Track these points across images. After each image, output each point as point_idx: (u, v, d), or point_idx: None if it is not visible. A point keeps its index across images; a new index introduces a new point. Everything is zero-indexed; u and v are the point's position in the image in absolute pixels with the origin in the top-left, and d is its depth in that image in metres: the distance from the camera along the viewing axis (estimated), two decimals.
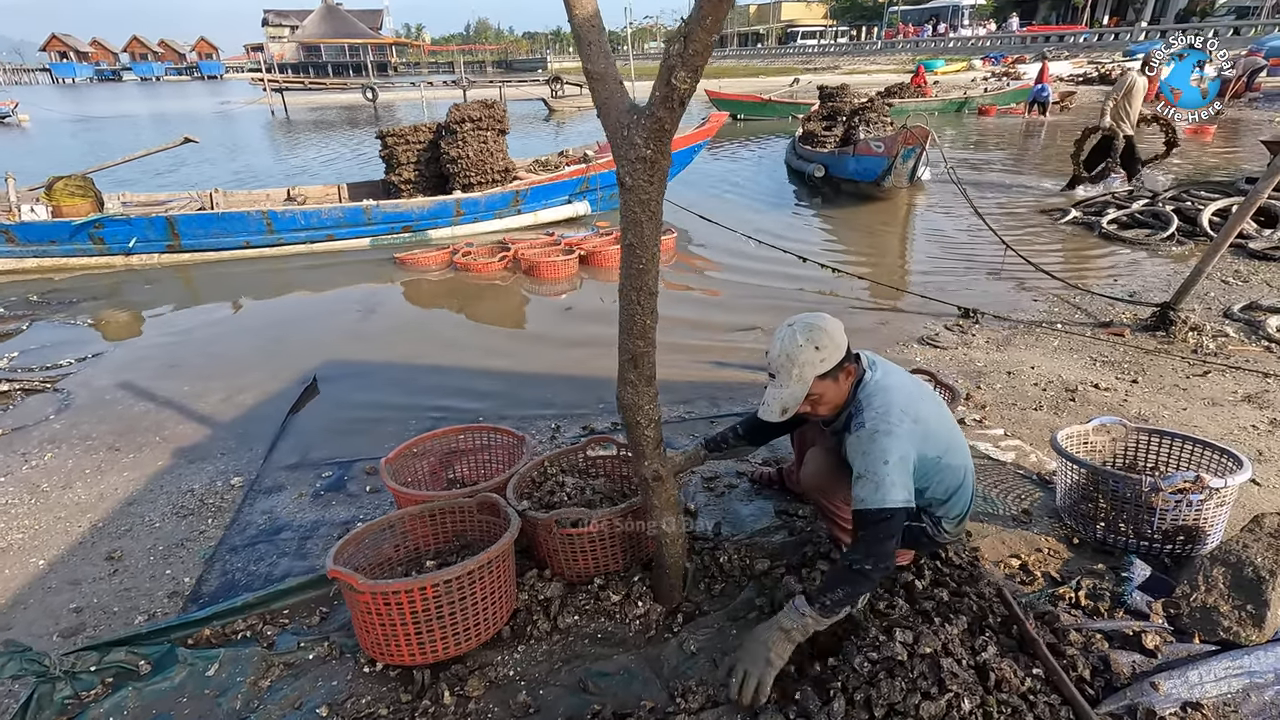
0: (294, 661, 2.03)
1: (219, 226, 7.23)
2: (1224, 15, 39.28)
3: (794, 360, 1.82)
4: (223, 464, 3.33)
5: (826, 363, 1.83)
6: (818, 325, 1.85)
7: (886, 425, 1.81)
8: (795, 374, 1.82)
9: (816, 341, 1.82)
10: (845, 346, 1.88)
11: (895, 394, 1.88)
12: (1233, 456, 2.32)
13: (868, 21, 66.79)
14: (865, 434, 1.82)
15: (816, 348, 1.82)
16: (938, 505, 2.02)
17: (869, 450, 1.79)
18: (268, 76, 34.26)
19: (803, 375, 1.82)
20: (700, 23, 1.27)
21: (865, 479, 1.78)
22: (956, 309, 5.00)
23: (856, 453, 1.83)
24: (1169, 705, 1.69)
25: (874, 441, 1.79)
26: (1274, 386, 3.63)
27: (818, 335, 1.83)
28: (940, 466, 1.94)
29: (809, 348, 1.81)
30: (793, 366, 1.82)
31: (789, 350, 1.82)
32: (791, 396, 1.84)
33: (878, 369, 1.96)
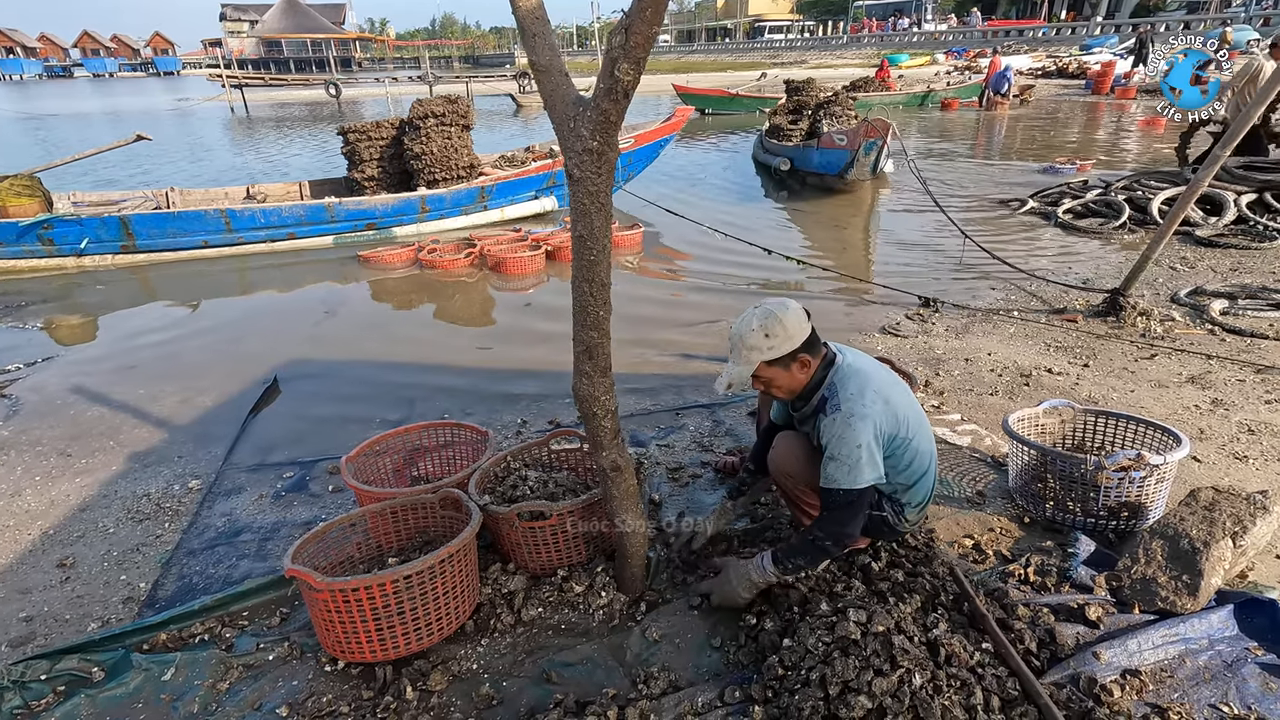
0: (253, 663, 2.01)
1: (175, 226, 7.05)
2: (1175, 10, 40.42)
3: (744, 343, 1.91)
4: (180, 467, 3.26)
5: (774, 351, 1.89)
6: (775, 314, 1.90)
7: (861, 408, 1.87)
8: (743, 356, 1.91)
9: (768, 329, 1.89)
10: (802, 338, 1.92)
11: (869, 377, 1.95)
12: (1173, 435, 2.41)
13: (833, 16, 67.41)
14: (840, 417, 1.88)
15: (766, 335, 1.89)
16: (903, 491, 2.07)
17: (843, 434, 1.86)
18: (226, 73, 33.28)
19: (749, 358, 1.91)
20: (640, 15, 1.28)
21: (838, 461, 1.86)
22: (917, 298, 5.10)
23: (830, 435, 1.88)
24: (1110, 673, 1.76)
25: (849, 425, 1.86)
26: (1216, 368, 3.77)
27: (771, 323, 1.89)
28: (909, 448, 2.00)
29: (759, 334, 1.89)
30: (741, 349, 1.91)
31: (741, 332, 1.92)
32: (738, 376, 1.94)
33: (847, 354, 2.03)
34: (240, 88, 31.41)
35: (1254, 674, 1.75)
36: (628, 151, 8.59)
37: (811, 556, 1.93)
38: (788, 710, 1.67)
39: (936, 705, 1.59)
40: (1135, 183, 7.54)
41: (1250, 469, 2.83)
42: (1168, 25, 31.54)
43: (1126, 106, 18.67)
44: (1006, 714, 1.63)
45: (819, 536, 1.90)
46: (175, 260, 7.08)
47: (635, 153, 8.78)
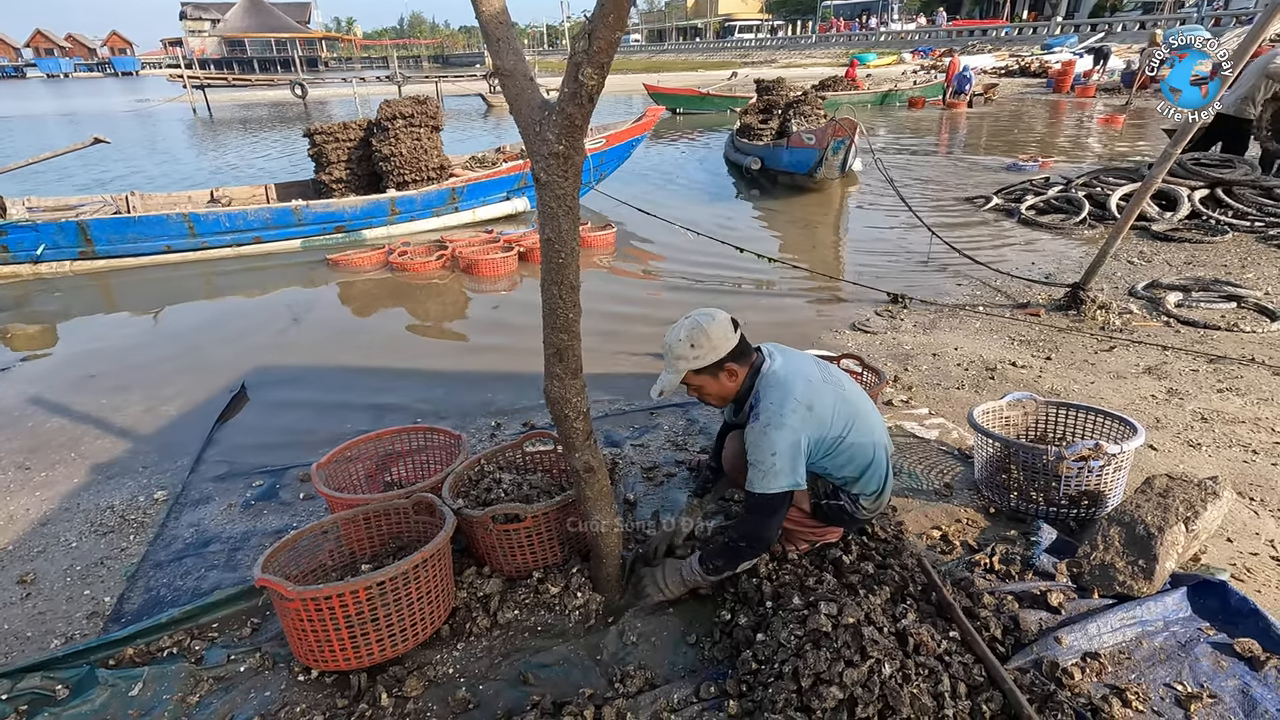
0: (224, 675, 1.98)
1: (136, 231, 6.88)
2: (1132, 10, 41.53)
3: (672, 352, 2.00)
4: (145, 478, 3.19)
5: (700, 361, 1.97)
6: (701, 326, 1.97)
7: (778, 419, 1.91)
8: (673, 365, 2.00)
9: (694, 340, 1.96)
10: (727, 348, 1.96)
11: (792, 384, 1.96)
12: (1129, 424, 2.49)
13: (802, 16, 68.03)
14: (758, 427, 1.93)
15: (692, 345, 1.96)
16: (852, 483, 2.11)
17: (759, 442, 1.92)
18: (188, 73, 32.49)
19: (677, 367, 1.99)
20: (603, 20, 1.29)
21: (755, 467, 1.93)
22: (886, 295, 5.19)
23: (750, 443, 1.96)
24: (1071, 657, 1.82)
25: (765, 435, 1.91)
26: (1171, 359, 3.90)
27: (697, 334, 1.96)
28: (844, 445, 2.03)
29: (685, 344, 1.96)
30: (671, 357, 2.00)
31: (670, 342, 2.01)
32: (668, 383, 2.01)
33: (776, 359, 2.04)
34: (202, 88, 30.69)
35: (1206, 653, 1.82)
36: (599, 152, 8.59)
37: (729, 558, 2.03)
38: (761, 703, 1.70)
39: (905, 694, 1.63)
40: (1095, 179, 7.75)
41: (1203, 456, 2.93)
42: (1124, 25, 32.40)
43: (1087, 105, 19.14)
44: (973, 700, 1.68)
45: (734, 539, 2.02)
46: (137, 266, 6.91)
47: (607, 153, 8.78)
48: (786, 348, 2.13)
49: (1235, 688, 1.72)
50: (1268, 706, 1.65)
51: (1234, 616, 1.91)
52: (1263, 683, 1.72)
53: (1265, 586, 2.10)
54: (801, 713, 1.63)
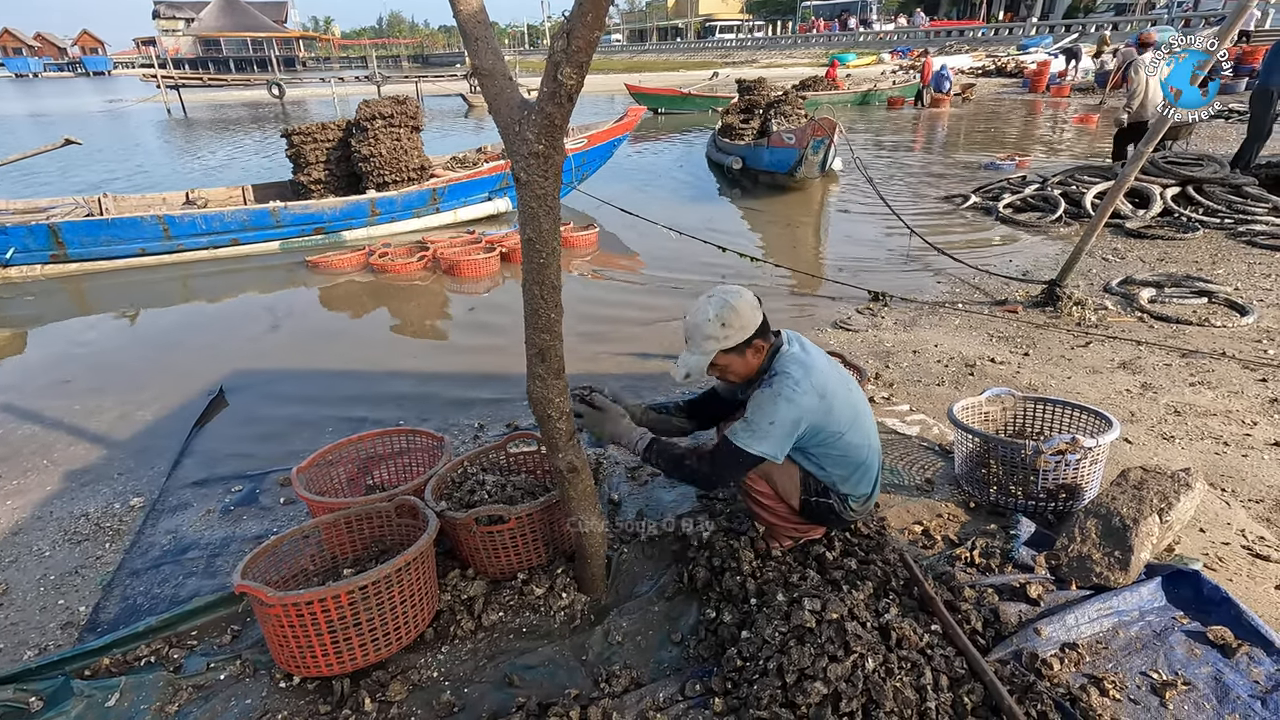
0: (204, 683, 1.95)
1: (110, 233, 6.76)
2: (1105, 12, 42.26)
3: (701, 332, 1.96)
4: (120, 485, 3.14)
5: (730, 340, 1.96)
6: (730, 303, 1.95)
7: (791, 393, 1.93)
8: (700, 345, 1.97)
9: (724, 319, 1.94)
10: (755, 326, 1.98)
11: (812, 367, 2.00)
12: (1105, 418, 2.53)
13: (782, 16, 68.40)
14: (769, 393, 1.95)
15: (723, 324, 1.94)
16: (841, 482, 2.13)
17: (764, 405, 1.94)
18: (161, 72, 31.93)
19: (706, 348, 1.96)
20: (582, 20, 1.29)
21: (748, 424, 1.94)
22: (867, 293, 5.23)
23: (754, 403, 1.97)
24: (1050, 648, 1.85)
25: (773, 402, 1.93)
26: (1145, 353, 3.98)
27: (727, 313, 1.95)
28: (841, 443, 2.05)
29: (715, 324, 1.94)
30: (698, 338, 1.97)
31: (698, 321, 1.96)
32: (695, 364, 1.98)
33: (794, 344, 2.08)
34: (177, 88, 30.18)
35: (1180, 641, 1.86)
36: (581, 151, 8.58)
37: (673, 466, 2.05)
38: (747, 700, 1.71)
39: (889, 687, 1.64)
40: (1070, 177, 7.87)
41: (1176, 448, 2.99)
42: (1098, 26, 32.94)
43: (1062, 104, 19.43)
44: (955, 692, 1.70)
45: (697, 467, 2.03)
46: (110, 269, 6.79)
47: (589, 152, 8.77)
48: (804, 338, 2.15)
49: (1208, 675, 1.75)
50: (1240, 692, 1.69)
51: (1207, 605, 1.95)
52: (1235, 669, 1.76)
53: (1236, 575, 2.14)
54: (786, 709, 1.64)
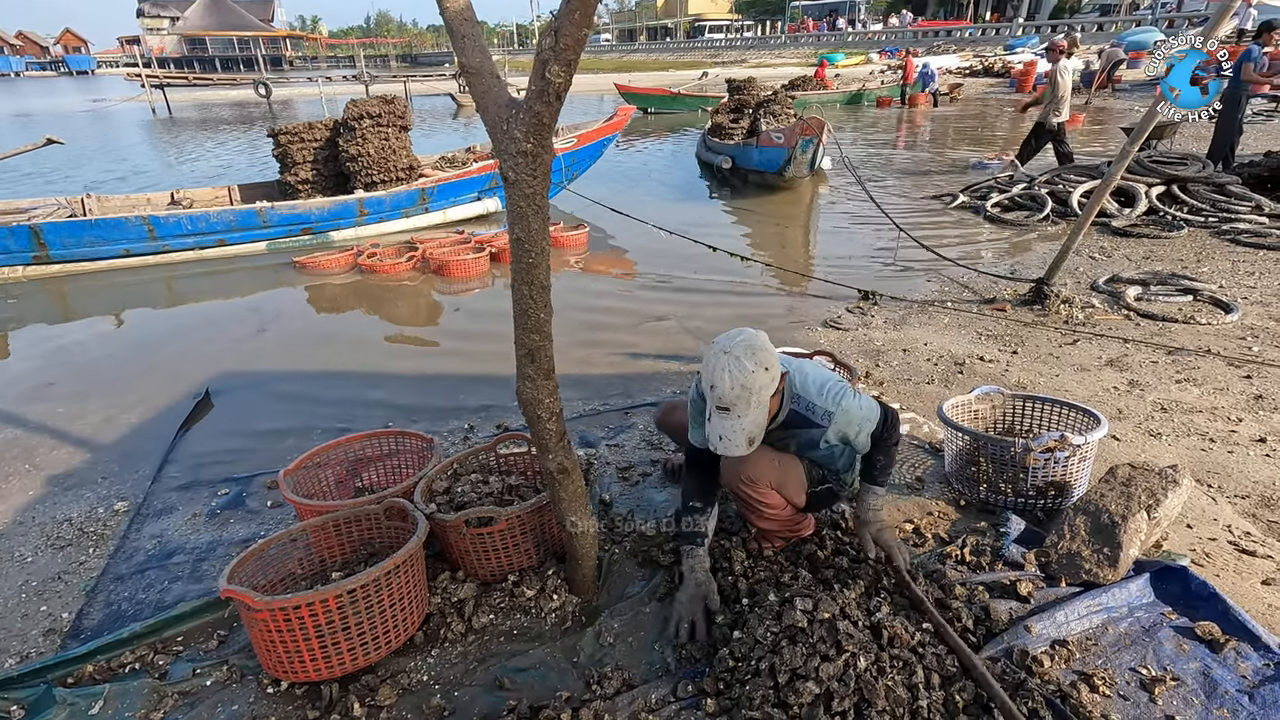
0: (190, 690, 1.93)
1: (93, 234, 6.67)
2: (1090, 12, 42.62)
3: (751, 388, 1.77)
4: (105, 489, 3.10)
5: (775, 380, 1.84)
6: (757, 346, 1.81)
7: (839, 391, 1.99)
8: (754, 401, 1.79)
9: (765, 363, 1.80)
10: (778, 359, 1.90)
11: (824, 374, 2.05)
12: (1093, 416, 2.55)
13: (771, 16, 68.56)
14: (840, 416, 1.97)
15: (766, 369, 1.80)
16: (845, 469, 2.18)
17: (849, 419, 1.97)
18: (146, 72, 31.59)
19: (761, 400, 1.81)
20: (570, 17, 1.28)
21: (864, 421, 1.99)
22: (857, 292, 5.24)
23: (846, 425, 1.98)
24: (1040, 645, 1.86)
25: (848, 414, 1.97)
26: (1132, 351, 4.01)
27: (764, 356, 1.80)
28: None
29: (759, 371, 1.78)
30: (750, 395, 1.78)
31: (744, 380, 1.76)
32: (755, 424, 1.81)
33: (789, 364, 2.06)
34: (162, 88, 29.87)
35: (1169, 637, 1.87)
36: (571, 151, 8.56)
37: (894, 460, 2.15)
38: (739, 700, 1.70)
39: (880, 686, 1.64)
40: (1057, 176, 7.93)
41: (1163, 445, 3.01)
42: (1083, 27, 33.22)
43: None
44: (946, 690, 1.70)
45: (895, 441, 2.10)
46: (94, 271, 6.71)
47: (578, 152, 8.75)
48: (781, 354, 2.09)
49: (1197, 670, 1.77)
50: (1227, 687, 1.70)
51: (1194, 601, 1.97)
52: (1222, 664, 1.77)
53: (1223, 571, 2.16)
54: (779, 709, 1.64)
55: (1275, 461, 2.84)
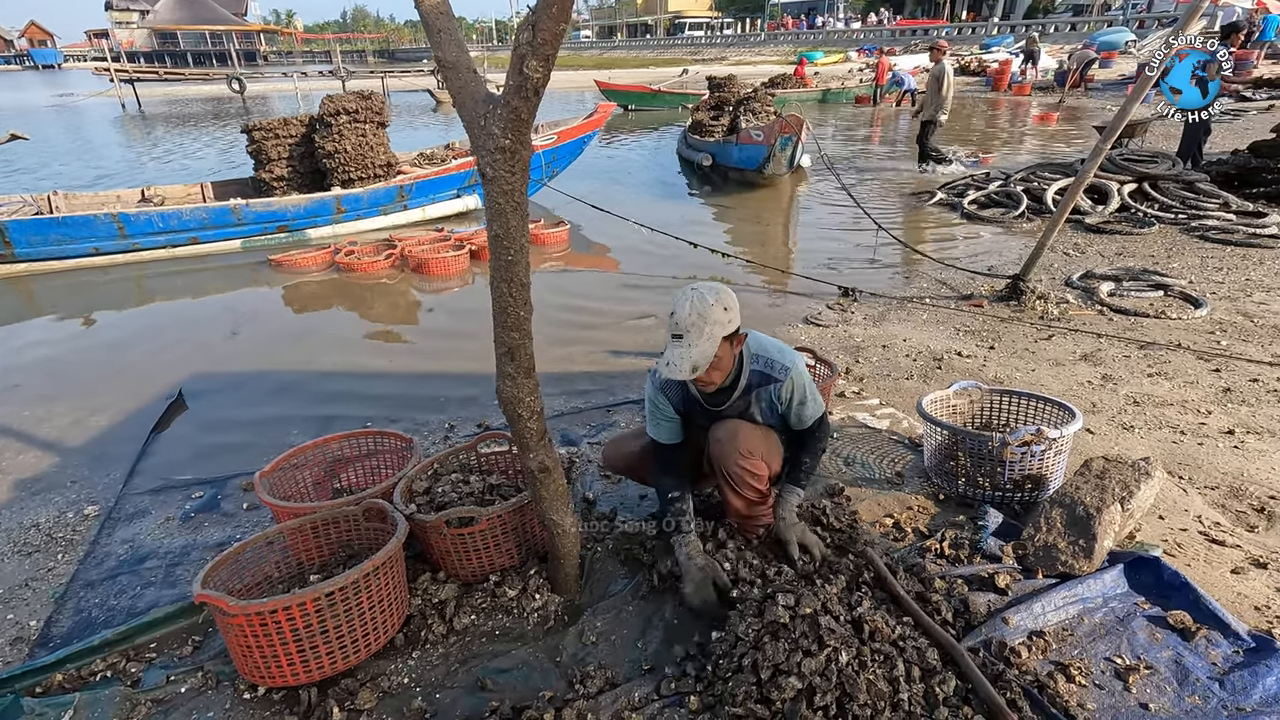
0: (164, 697, 1.89)
1: (60, 232, 6.51)
2: (1063, 13, 43.26)
3: (706, 319, 1.90)
4: (74, 493, 3.02)
5: (732, 324, 1.96)
6: (722, 290, 1.97)
7: (794, 361, 2.12)
8: (707, 332, 1.91)
9: (725, 303, 1.94)
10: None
11: (770, 338, 2.18)
12: (1068, 410, 2.59)
13: (751, 14, 68.74)
14: (794, 373, 2.09)
15: (725, 308, 1.94)
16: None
17: (803, 382, 2.11)
18: (115, 66, 30.87)
19: (713, 334, 1.91)
20: (547, 12, 1.27)
21: (810, 398, 2.13)
22: (837, 289, 5.28)
23: (796, 388, 2.10)
24: (1018, 636, 1.88)
25: (802, 375, 2.11)
26: (1106, 346, 4.08)
27: (725, 297, 1.96)
28: None
29: (719, 308, 1.92)
30: (705, 325, 1.90)
31: (701, 309, 1.90)
32: (702, 355, 1.91)
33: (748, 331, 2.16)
34: (132, 83, 29.23)
35: (1142, 626, 1.90)
36: (551, 148, 8.52)
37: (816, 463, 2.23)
38: (722, 697, 1.71)
39: (862, 680, 1.65)
40: (1032, 174, 8.04)
41: (1136, 438, 3.07)
42: (1056, 27, 33.74)
43: (1023, 103, 19.85)
44: (926, 683, 1.71)
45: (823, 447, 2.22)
46: (62, 270, 6.55)
47: (559, 149, 8.71)
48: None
49: (1169, 658, 1.80)
50: (1199, 674, 1.74)
51: (1167, 590, 2.01)
52: (1194, 652, 1.80)
53: (1194, 560, 2.20)
54: (761, 704, 1.64)
55: (1243, 453, 2.90)
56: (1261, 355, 3.83)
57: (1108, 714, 1.66)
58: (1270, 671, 1.70)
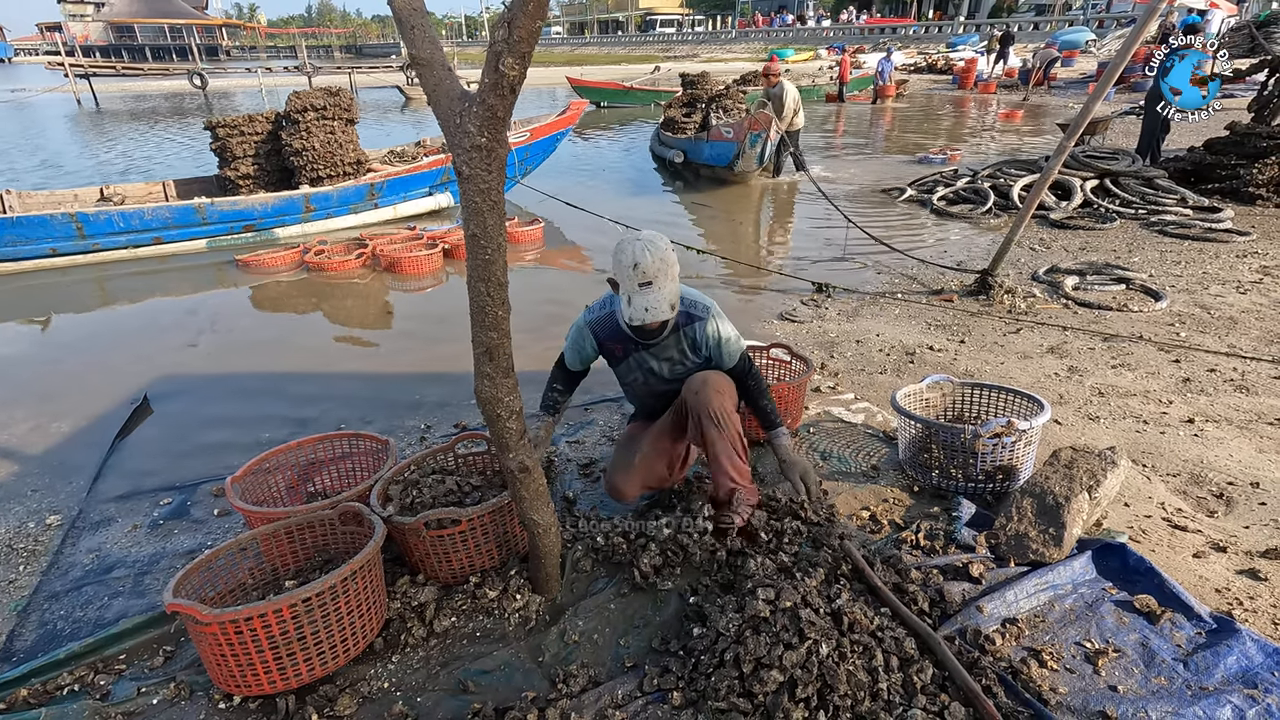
0: (134, 710, 1.84)
1: (15, 233, 6.29)
2: (1026, 12, 44.17)
3: (668, 261, 2.09)
4: (34, 502, 2.93)
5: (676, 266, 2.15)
6: (662, 236, 2.15)
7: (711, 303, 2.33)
8: (670, 273, 2.09)
9: (668, 245, 2.14)
10: None
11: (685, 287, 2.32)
12: (1037, 401, 2.65)
13: (721, 11, 68.97)
14: (714, 313, 2.30)
15: (670, 249, 2.12)
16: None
17: (722, 320, 2.31)
18: (70, 60, 29.89)
19: (674, 274, 2.11)
20: (523, 9, 1.26)
21: (733, 335, 2.32)
22: (811, 284, 5.33)
23: (718, 325, 2.28)
24: (992, 624, 1.92)
25: (720, 314, 2.32)
26: (1071, 338, 4.18)
27: (666, 240, 2.14)
28: None
29: (669, 249, 2.11)
30: (667, 267, 2.08)
31: (661, 255, 2.07)
32: (673, 292, 2.11)
33: None
34: (87, 77, 28.33)
35: (1110, 611, 1.96)
36: (524, 145, 8.46)
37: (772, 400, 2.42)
38: (705, 692, 1.72)
39: (842, 671, 1.68)
40: (999, 170, 8.20)
41: (1101, 428, 3.15)
42: (1020, 26, 34.42)
43: (989, 101, 20.23)
44: (905, 672, 1.74)
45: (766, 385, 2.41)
46: (16, 272, 6.33)
47: (532, 146, 8.66)
48: None
49: (1136, 641, 1.86)
50: (1164, 656, 1.79)
51: (1133, 575, 2.07)
52: (1159, 635, 1.86)
53: (1159, 546, 2.27)
54: (744, 698, 1.66)
55: (1203, 441, 3.00)
56: (1218, 346, 3.96)
57: (1079, 697, 1.71)
58: (1231, 651, 1.77)
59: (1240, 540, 2.30)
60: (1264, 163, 7.01)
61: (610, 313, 2.35)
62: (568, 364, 2.51)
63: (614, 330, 2.34)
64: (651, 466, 2.44)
